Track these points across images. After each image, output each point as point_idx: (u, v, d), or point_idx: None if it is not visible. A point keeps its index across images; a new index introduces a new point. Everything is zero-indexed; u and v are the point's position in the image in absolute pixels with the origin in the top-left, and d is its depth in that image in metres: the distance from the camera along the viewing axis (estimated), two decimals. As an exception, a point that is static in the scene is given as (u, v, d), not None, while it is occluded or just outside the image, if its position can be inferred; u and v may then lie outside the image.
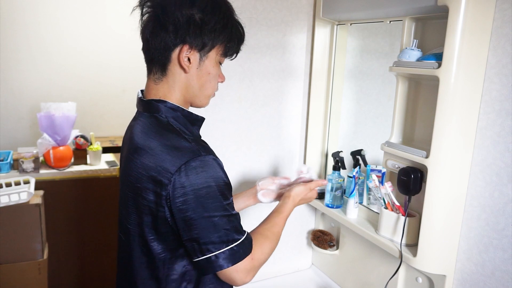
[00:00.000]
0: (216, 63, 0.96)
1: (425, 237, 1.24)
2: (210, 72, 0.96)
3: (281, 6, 1.65)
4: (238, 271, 0.90)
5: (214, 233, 0.86)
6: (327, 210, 1.67)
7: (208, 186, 0.86)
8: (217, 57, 0.96)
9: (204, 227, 0.86)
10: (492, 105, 1.15)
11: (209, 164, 0.87)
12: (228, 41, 0.95)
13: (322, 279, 1.85)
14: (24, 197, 1.99)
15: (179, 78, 0.94)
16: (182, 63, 0.92)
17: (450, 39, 1.11)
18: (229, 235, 0.88)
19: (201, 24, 0.90)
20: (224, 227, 0.87)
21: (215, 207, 0.86)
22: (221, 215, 0.87)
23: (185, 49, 0.91)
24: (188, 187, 0.84)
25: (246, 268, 0.92)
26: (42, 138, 2.44)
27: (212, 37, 0.92)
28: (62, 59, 3.40)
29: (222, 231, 0.87)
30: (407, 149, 1.29)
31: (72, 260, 2.51)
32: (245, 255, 0.91)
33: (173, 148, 0.87)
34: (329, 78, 1.74)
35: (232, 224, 0.90)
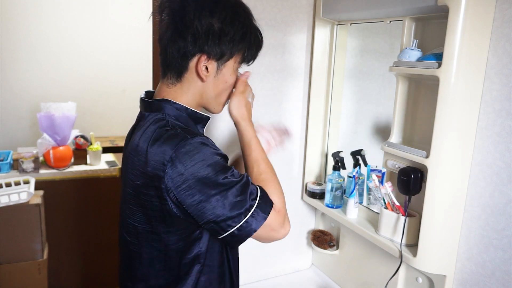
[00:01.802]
0: (234, 72, 0.98)
1: (425, 237, 1.24)
2: (227, 81, 0.97)
3: (281, 6, 1.65)
4: (270, 228, 0.90)
5: (229, 208, 0.86)
6: (327, 210, 1.67)
7: (205, 165, 0.85)
8: (235, 65, 0.97)
9: (216, 206, 0.85)
10: (492, 105, 1.15)
11: (199, 145, 0.86)
12: (247, 49, 0.96)
13: (322, 279, 1.85)
14: (24, 197, 1.99)
15: (195, 85, 0.95)
16: (200, 73, 0.92)
17: (450, 39, 1.11)
18: (244, 204, 0.87)
19: (220, 34, 0.90)
20: (235, 198, 0.86)
21: (220, 182, 0.86)
22: (228, 187, 0.86)
23: (203, 59, 0.91)
24: (186, 173, 0.84)
25: (275, 221, 0.91)
26: (42, 138, 2.44)
27: (231, 46, 0.92)
28: (62, 59, 3.40)
29: (235, 203, 0.86)
30: (407, 149, 1.29)
31: (72, 260, 2.51)
32: (267, 212, 0.90)
33: (162, 140, 0.87)
34: (329, 78, 1.74)
35: (242, 191, 0.88)
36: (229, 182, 0.87)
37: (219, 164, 0.87)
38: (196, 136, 0.87)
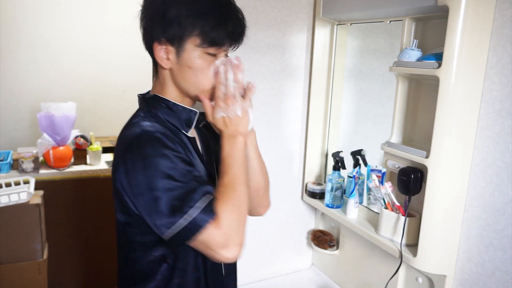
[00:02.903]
0: (198, 56, 0.90)
1: (425, 237, 1.24)
2: (191, 66, 0.90)
3: (281, 6, 1.65)
4: (205, 245, 0.83)
5: (165, 210, 0.82)
6: (327, 210, 1.67)
7: (149, 163, 0.83)
8: (198, 48, 0.89)
9: (153, 205, 0.83)
10: (492, 105, 1.15)
11: (148, 141, 0.86)
12: (202, 30, 0.88)
13: (322, 279, 1.85)
14: (24, 197, 1.99)
15: (165, 75, 0.95)
16: (159, 60, 0.92)
17: (450, 39, 1.11)
18: (179, 210, 0.82)
19: (163, 17, 0.88)
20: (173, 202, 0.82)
21: (157, 183, 0.82)
22: (165, 189, 0.82)
23: (157, 46, 0.91)
24: (131, 167, 0.84)
25: (212, 238, 0.81)
26: (42, 138, 2.44)
27: (178, 28, 0.88)
28: (62, 59, 3.40)
29: (172, 207, 0.82)
30: (407, 149, 1.29)
31: (72, 260, 2.51)
32: (202, 223, 0.81)
33: (122, 133, 0.92)
34: (329, 78, 1.74)
35: (183, 195, 0.82)
36: (169, 184, 0.82)
37: (162, 164, 0.84)
38: (151, 132, 0.87)
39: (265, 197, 1.13)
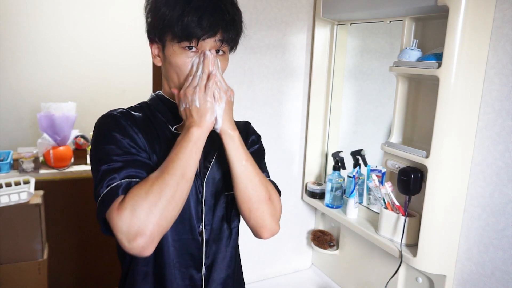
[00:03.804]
0: (174, 52, 0.88)
1: (425, 237, 1.24)
2: (171, 63, 0.90)
3: (281, 6, 1.65)
4: (117, 231, 0.79)
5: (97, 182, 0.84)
6: (327, 210, 1.67)
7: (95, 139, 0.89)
8: (174, 45, 0.88)
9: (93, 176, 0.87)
10: (492, 105, 1.15)
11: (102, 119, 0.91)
12: (169, 23, 0.86)
13: (322, 279, 1.85)
14: (24, 197, 1.99)
15: (162, 71, 0.98)
16: (152, 58, 0.96)
17: (450, 39, 1.11)
18: (99, 185, 0.83)
19: (146, 15, 0.92)
20: (100, 175, 0.84)
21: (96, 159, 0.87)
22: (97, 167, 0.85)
23: (150, 45, 0.94)
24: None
25: (113, 219, 0.78)
26: (42, 138, 2.44)
27: (152, 27, 0.91)
28: (62, 59, 3.39)
29: (99, 181, 0.84)
30: (407, 149, 1.29)
31: (72, 260, 2.51)
32: (103, 210, 0.81)
33: None
34: (329, 78, 1.74)
35: (101, 176, 0.84)
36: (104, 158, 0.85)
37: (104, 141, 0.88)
38: (110, 112, 0.92)
39: (260, 215, 0.96)
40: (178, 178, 0.81)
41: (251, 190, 0.93)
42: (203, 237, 0.96)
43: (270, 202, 0.97)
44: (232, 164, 0.91)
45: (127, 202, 0.78)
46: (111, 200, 0.79)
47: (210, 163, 0.98)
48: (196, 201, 0.94)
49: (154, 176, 0.82)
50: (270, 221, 0.98)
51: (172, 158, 0.83)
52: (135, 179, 0.82)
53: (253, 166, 0.94)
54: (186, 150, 0.83)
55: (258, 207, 0.95)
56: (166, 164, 0.83)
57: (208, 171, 0.97)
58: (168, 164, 0.82)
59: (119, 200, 0.79)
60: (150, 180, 0.81)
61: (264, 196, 0.95)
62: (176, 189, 0.81)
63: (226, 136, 0.90)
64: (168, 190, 0.80)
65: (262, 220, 0.97)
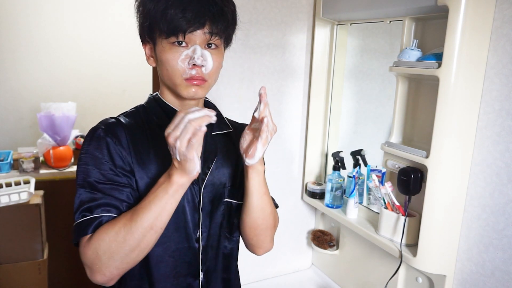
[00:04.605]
0: (166, 49, 0.85)
1: (425, 237, 1.24)
2: (161, 59, 0.88)
3: (281, 6, 1.65)
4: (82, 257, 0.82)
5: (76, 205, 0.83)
6: (327, 210, 1.67)
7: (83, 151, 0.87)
8: (163, 42, 0.85)
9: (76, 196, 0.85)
10: (492, 105, 1.15)
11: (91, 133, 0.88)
12: (154, 18, 0.84)
13: (322, 279, 1.85)
14: (24, 197, 1.99)
15: (158, 73, 0.95)
16: (146, 58, 0.94)
17: (450, 39, 1.11)
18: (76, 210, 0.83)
19: (137, 18, 0.91)
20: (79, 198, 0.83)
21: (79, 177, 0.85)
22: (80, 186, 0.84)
23: (144, 47, 0.93)
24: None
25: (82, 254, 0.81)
26: (42, 138, 2.44)
27: (141, 26, 0.90)
28: (62, 59, 3.39)
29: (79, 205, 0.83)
30: (407, 149, 1.29)
31: (72, 260, 2.51)
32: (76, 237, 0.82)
33: None
34: (329, 78, 1.74)
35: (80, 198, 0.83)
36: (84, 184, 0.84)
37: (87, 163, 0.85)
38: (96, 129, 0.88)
39: (263, 239, 1.01)
40: (146, 230, 0.78)
41: (262, 219, 0.96)
42: (199, 243, 0.93)
43: (274, 227, 1.03)
44: (251, 196, 0.92)
45: (92, 243, 0.79)
46: (81, 233, 0.80)
47: (209, 169, 0.94)
48: (193, 208, 0.91)
49: (122, 221, 0.79)
50: (269, 243, 1.03)
51: (145, 206, 0.78)
52: (107, 214, 0.81)
53: (269, 198, 0.97)
54: (161, 201, 0.78)
55: (264, 233, 0.99)
56: (137, 211, 0.79)
57: (207, 177, 0.94)
58: (138, 212, 0.78)
59: (87, 237, 0.80)
60: (117, 225, 0.78)
61: (272, 224, 1.00)
62: (142, 240, 0.78)
63: (253, 170, 0.89)
64: (132, 241, 0.78)
65: (263, 243, 1.02)
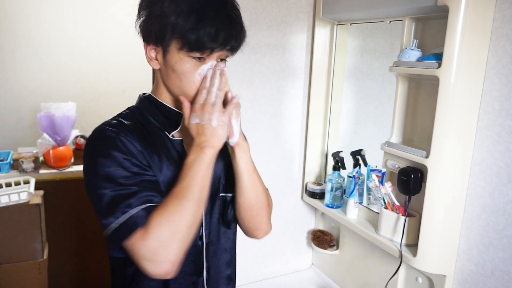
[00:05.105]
0: (180, 59, 0.84)
1: (425, 237, 1.24)
2: (174, 69, 0.86)
3: (281, 6, 1.65)
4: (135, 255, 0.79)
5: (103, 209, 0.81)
6: (327, 210, 1.67)
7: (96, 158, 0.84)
8: (180, 52, 0.84)
9: (96, 202, 0.83)
10: (492, 105, 1.15)
11: (103, 137, 0.85)
12: (181, 31, 0.82)
13: (322, 279, 1.85)
14: (24, 197, 1.99)
15: (157, 75, 0.94)
16: (148, 60, 0.91)
17: (450, 39, 1.11)
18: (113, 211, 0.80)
19: (147, 17, 0.86)
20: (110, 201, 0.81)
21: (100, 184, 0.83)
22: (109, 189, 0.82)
23: (146, 46, 0.89)
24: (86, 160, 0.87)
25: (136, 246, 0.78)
26: (42, 138, 2.44)
27: (158, 28, 0.84)
28: (62, 59, 3.39)
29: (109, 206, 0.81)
30: (407, 149, 1.29)
31: (72, 260, 2.51)
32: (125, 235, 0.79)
33: None
34: (329, 78, 1.74)
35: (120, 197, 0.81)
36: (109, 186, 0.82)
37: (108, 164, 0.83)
38: (104, 131, 0.86)
39: (260, 220, 1.00)
40: (197, 203, 0.82)
41: (256, 198, 0.97)
42: (203, 241, 0.95)
43: (269, 207, 1.03)
44: (241, 175, 0.93)
45: (150, 232, 0.77)
46: (132, 229, 0.78)
47: None
48: None
49: (172, 201, 0.80)
50: (267, 223, 1.03)
51: (190, 183, 0.82)
52: (150, 204, 0.81)
53: (258, 175, 0.98)
54: (201, 174, 0.83)
55: (259, 213, 0.99)
56: (183, 188, 0.81)
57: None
58: (185, 188, 0.81)
59: (141, 230, 0.78)
60: (169, 206, 0.80)
61: (265, 202, 1.00)
62: (196, 214, 0.82)
63: (239, 148, 0.92)
64: (188, 216, 0.80)
65: (261, 224, 1.01)
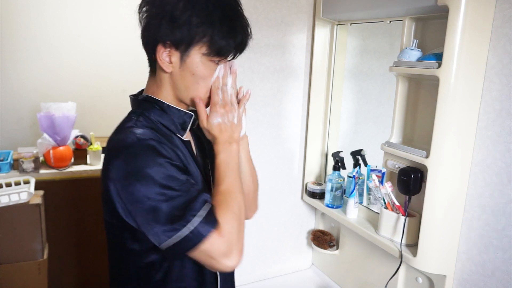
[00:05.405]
0: (202, 63, 0.88)
1: (425, 237, 1.24)
2: (194, 73, 0.88)
3: (281, 6, 1.65)
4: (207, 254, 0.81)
5: (163, 219, 0.80)
6: (327, 210, 1.67)
7: (147, 172, 0.80)
8: (203, 56, 0.87)
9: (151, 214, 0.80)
10: (492, 105, 1.15)
11: (145, 149, 0.83)
12: (211, 38, 0.85)
13: (322, 279, 1.85)
14: (24, 197, 1.99)
15: (164, 77, 0.92)
16: (160, 63, 0.89)
17: (450, 39, 1.11)
18: (180, 219, 0.80)
19: (171, 20, 0.85)
20: (173, 211, 0.80)
21: (157, 192, 0.80)
22: (167, 198, 0.81)
23: (161, 49, 0.87)
24: (128, 177, 0.81)
25: (215, 247, 0.81)
26: (42, 138, 2.44)
27: (187, 33, 0.84)
28: (62, 59, 3.40)
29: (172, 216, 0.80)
30: (407, 149, 1.29)
31: (72, 260, 2.51)
32: (205, 232, 0.80)
33: (114, 140, 0.86)
34: (329, 78, 1.74)
35: (183, 204, 0.81)
36: (168, 193, 0.81)
37: (161, 173, 0.81)
38: (145, 140, 0.84)
39: (254, 201, 1.11)
40: (242, 193, 0.91)
41: (253, 182, 1.08)
42: None
43: (257, 188, 1.13)
44: (244, 164, 1.03)
45: (224, 229, 0.82)
46: (207, 230, 0.80)
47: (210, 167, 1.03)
48: None
49: (227, 197, 0.87)
50: (257, 204, 1.13)
51: (232, 178, 0.90)
52: (209, 203, 0.85)
53: (252, 163, 1.08)
54: (236, 167, 0.92)
55: (253, 195, 1.10)
56: (230, 184, 0.89)
57: (211, 175, 1.02)
58: (232, 183, 0.89)
59: (215, 229, 0.81)
60: (227, 202, 0.86)
61: (258, 184, 1.12)
62: (244, 203, 0.90)
63: (244, 140, 1.02)
64: (243, 207, 0.89)
65: (254, 205, 1.12)
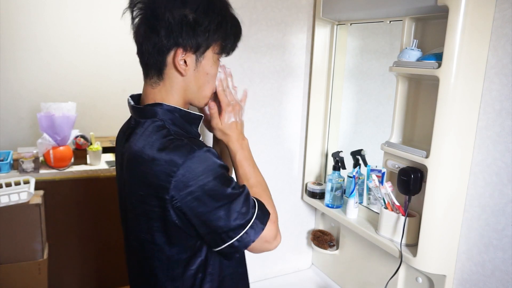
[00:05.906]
0: (214, 63, 0.95)
1: (425, 237, 1.24)
2: (208, 73, 0.94)
3: (281, 6, 1.65)
4: (264, 239, 0.91)
5: (231, 219, 0.87)
6: (327, 210, 1.67)
7: (212, 177, 0.85)
8: (214, 56, 0.94)
9: (219, 217, 0.86)
10: (492, 105, 1.15)
11: (205, 156, 0.86)
12: (224, 39, 0.93)
13: (322, 279, 1.85)
14: (24, 197, 1.99)
15: (177, 81, 0.92)
16: (178, 67, 0.89)
17: (450, 39, 1.11)
18: (245, 216, 0.88)
19: (194, 25, 0.86)
20: (238, 210, 0.88)
21: (226, 195, 0.87)
22: (232, 199, 0.87)
23: (179, 53, 0.88)
24: (193, 184, 0.83)
25: (270, 232, 0.93)
26: (42, 138, 2.44)
27: (207, 37, 0.89)
28: (62, 59, 3.40)
29: (238, 214, 0.87)
30: (407, 149, 1.29)
31: (72, 260, 2.51)
32: (265, 223, 0.91)
33: (168, 150, 0.85)
34: (329, 78, 1.74)
35: (245, 202, 0.89)
36: (233, 194, 0.88)
37: (223, 176, 0.88)
38: (203, 146, 0.87)
39: None
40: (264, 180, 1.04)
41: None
42: None
43: None
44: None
45: (272, 214, 0.95)
46: (267, 217, 0.93)
47: None
48: None
49: (260, 188, 0.99)
50: None
51: (255, 172, 1.02)
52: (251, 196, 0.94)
53: None
54: (253, 159, 1.03)
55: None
56: (257, 177, 1.01)
57: None
58: (258, 173, 1.02)
59: (270, 216, 0.94)
60: (263, 192, 0.99)
61: None
62: None
63: None
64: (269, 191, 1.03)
65: None
